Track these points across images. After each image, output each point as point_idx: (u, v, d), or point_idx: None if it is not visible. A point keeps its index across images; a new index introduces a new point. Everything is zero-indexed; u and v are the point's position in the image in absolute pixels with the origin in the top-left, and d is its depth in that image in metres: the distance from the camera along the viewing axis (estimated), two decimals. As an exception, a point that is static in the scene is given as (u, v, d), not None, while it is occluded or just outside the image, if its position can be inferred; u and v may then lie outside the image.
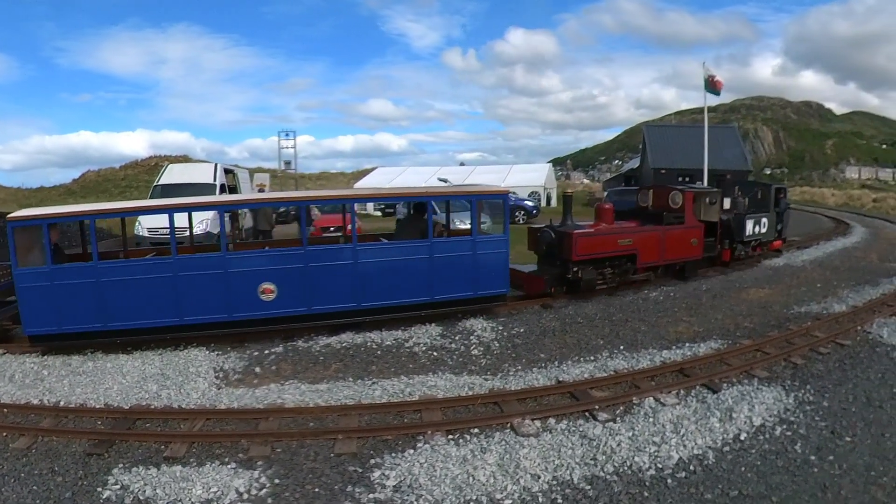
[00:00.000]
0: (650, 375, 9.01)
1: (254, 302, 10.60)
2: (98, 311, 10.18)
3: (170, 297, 10.34)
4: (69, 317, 10.11)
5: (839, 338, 10.82)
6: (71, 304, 10.07)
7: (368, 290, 11.08)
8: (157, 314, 10.35)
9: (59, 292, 10.04)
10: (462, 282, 11.65)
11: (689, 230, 15.01)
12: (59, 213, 11.44)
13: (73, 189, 65.72)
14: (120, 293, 10.20)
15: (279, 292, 10.65)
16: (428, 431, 7.14)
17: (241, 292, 10.55)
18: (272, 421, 7.55)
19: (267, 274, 10.67)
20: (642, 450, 6.74)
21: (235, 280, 10.53)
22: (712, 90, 26.43)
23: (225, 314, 10.57)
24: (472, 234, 12.00)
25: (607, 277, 13.81)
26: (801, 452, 6.87)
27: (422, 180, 46.20)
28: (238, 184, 24.31)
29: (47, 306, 10.01)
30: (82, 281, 10.16)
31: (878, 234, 28.81)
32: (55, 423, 7.76)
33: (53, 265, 10.12)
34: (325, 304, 10.94)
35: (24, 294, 9.99)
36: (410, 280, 11.31)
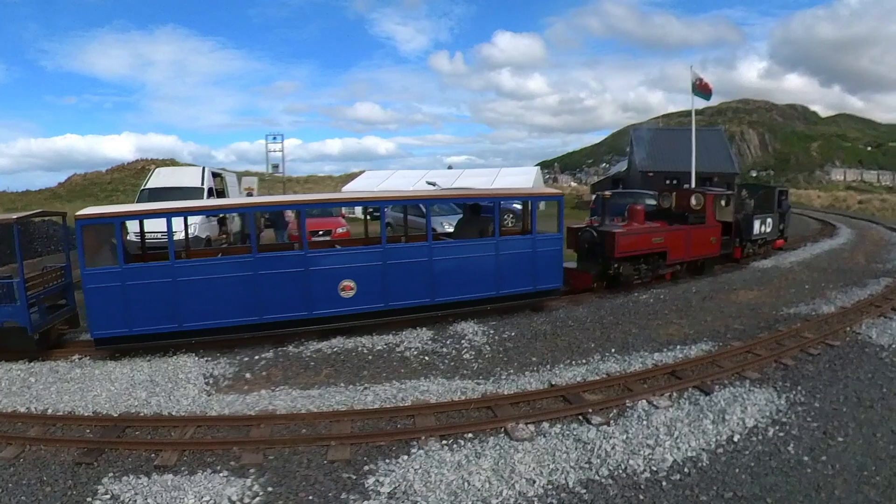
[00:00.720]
0: (642, 378, 9.01)
1: (334, 299, 10.93)
2: (173, 312, 10.18)
3: (250, 295, 10.50)
4: (142, 318, 10.05)
5: (829, 339, 10.89)
6: (144, 305, 10.02)
7: (441, 286, 11.64)
8: (236, 313, 10.48)
9: (132, 293, 9.98)
10: (524, 277, 12.43)
11: (709, 229, 16.41)
12: (131, 211, 11.66)
13: (59, 193, 65.28)
14: (198, 292, 10.23)
15: (358, 289, 11.03)
16: (422, 437, 7.09)
17: (322, 290, 10.86)
18: (264, 428, 7.47)
19: (347, 271, 11.02)
20: (636, 453, 6.74)
21: (316, 278, 10.81)
22: (701, 94, 26.54)
23: (305, 311, 10.83)
24: (532, 232, 12.68)
25: (642, 273, 15.00)
26: (795, 453, 6.89)
27: (409, 184, 46.19)
28: (226, 187, 24.18)
29: (118, 308, 9.91)
30: (158, 281, 10.14)
31: (864, 235, 29.03)
32: (43, 431, 7.63)
33: (126, 265, 10.08)
34: (402, 300, 11.42)
35: (92, 295, 9.84)
36: (479, 276, 11.99)
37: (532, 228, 12.71)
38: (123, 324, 9.97)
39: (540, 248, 12.56)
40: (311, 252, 11.02)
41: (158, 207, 11.76)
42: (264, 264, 10.66)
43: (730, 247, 17.74)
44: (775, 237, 20.34)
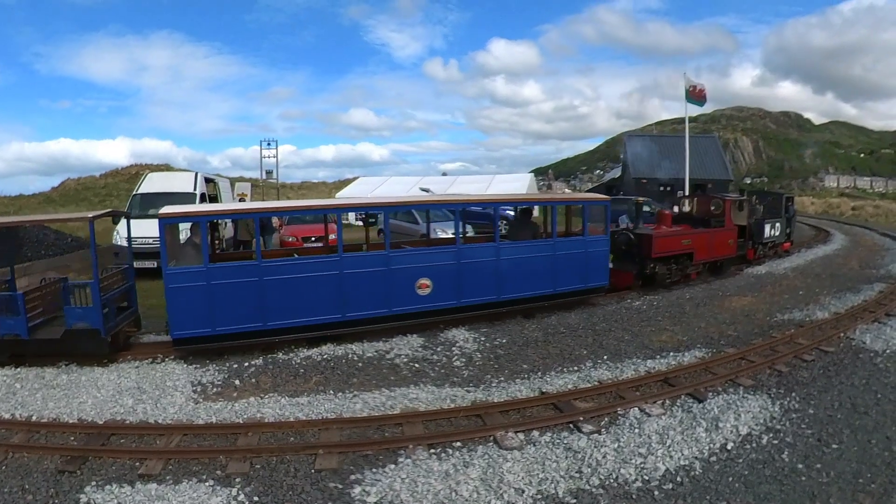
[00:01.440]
0: (635, 385, 8.92)
1: (411, 296, 11.44)
2: (258, 311, 10.34)
3: (334, 294, 10.84)
4: (226, 317, 10.15)
5: (823, 345, 10.84)
6: (229, 304, 10.13)
7: (506, 283, 12.33)
8: (320, 311, 10.76)
9: (217, 292, 10.06)
10: (576, 275, 13.32)
11: (728, 232, 17.71)
12: (214, 210, 12.18)
13: (52, 197, 65.09)
14: (283, 291, 10.51)
15: (434, 287, 11.58)
16: (409, 445, 6.99)
17: (401, 288, 11.35)
18: (251, 436, 7.36)
19: (424, 270, 11.57)
20: (628, 462, 6.65)
21: (397, 276, 11.31)
22: (694, 101, 26.59)
23: (385, 309, 11.24)
24: (584, 234, 13.55)
25: (672, 272, 16.07)
26: (789, 461, 6.81)
27: (404, 190, 46.05)
28: (219, 193, 24.10)
29: (201, 307, 9.98)
30: (244, 280, 10.31)
31: (858, 241, 29.10)
32: (27, 438, 7.49)
33: (211, 264, 10.20)
34: (472, 296, 12.05)
35: (174, 295, 9.88)
36: (539, 274, 12.76)
37: (584, 230, 13.58)
38: (206, 324, 10.06)
39: (590, 248, 13.50)
40: (392, 252, 11.54)
41: (244, 207, 12.76)
42: (349, 264, 11.02)
43: (744, 248, 18.97)
44: (783, 240, 21.80)
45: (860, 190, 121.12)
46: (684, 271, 16.57)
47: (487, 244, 12.61)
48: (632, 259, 15.48)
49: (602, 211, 14.11)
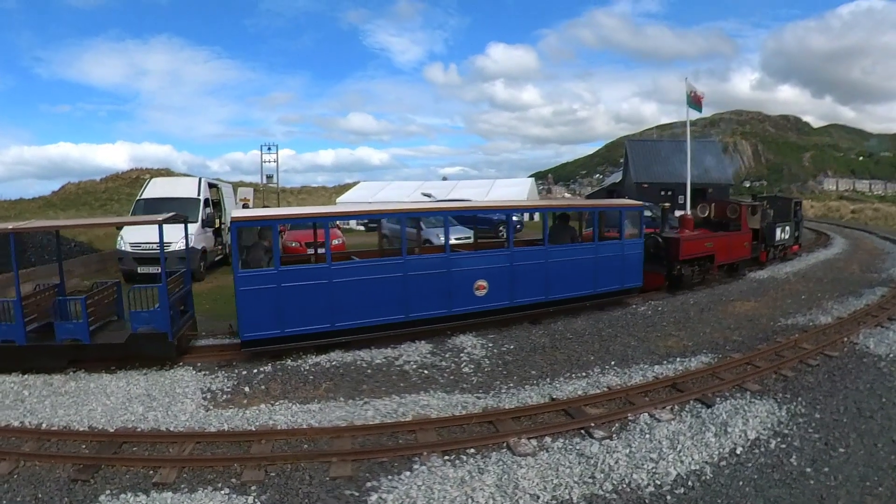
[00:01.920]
0: (643, 391, 8.98)
1: (469, 297, 12.00)
2: (327, 312, 10.67)
3: (398, 295, 11.26)
4: (295, 319, 10.43)
5: (827, 349, 10.91)
6: (299, 306, 10.42)
7: (553, 284, 12.99)
8: (385, 312, 11.17)
9: (287, 295, 10.33)
10: (615, 276, 14.10)
11: (743, 235, 18.76)
12: (286, 214, 12.97)
13: (52, 201, 64.93)
14: (351, 293, 10.83)
15: (489, 288, 12.15)
16: (424, 453, 7.01)
17: (460, 289, 11.89)
18: (265, 444, 7.37)
19: (481, 272, 12.12)
20: (640, 467, 6.69)
21: (456, 278, 11.84)
22: (695, 106, 26.67)
23: (445, 309, 11.75)
24: (621, 237, 14.31)
25: (695, 273, 16.93)
26: (797, 465, 6.86)
27: (405, 195, 46.14)
28: (222, 198, 24.09)
29: (271, 309, 10.24)
30: (314, 282, 10.61)
31: (858, 245, 29.16)
32: (38, 446, 7.49)
33: (282, 267, 10.47)
34: (523, 297, 12.66)
35: (245, 298, 10.12)
36: (583, 276, 13.52)
37: (621, 234, 14.33)
38: (276, 325, 10.32)
39: (627, 251, 14.30)
40: (453, 254, 12.05)
41: (316, 211, 13.57)
42: (413, 266, 11.48)
43: (757, 251, 19.90)
44: (792, 243, 22.71)
45: (859, 193, 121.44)
46: (706, 272, 17.39)
47: (537, 247, 13.29)
48: (660, 261, 16.24)
49: (637, 216, 14.93)
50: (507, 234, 13.05)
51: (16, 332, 9.90)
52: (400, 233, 24.52)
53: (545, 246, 13.08)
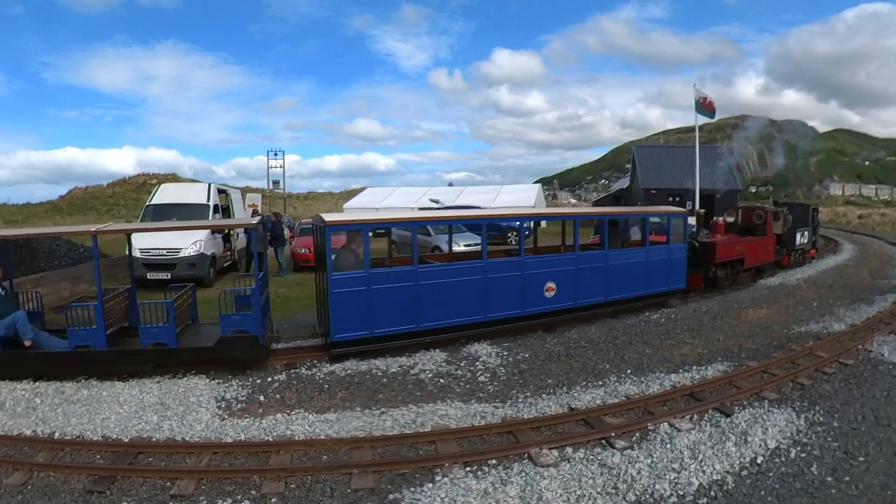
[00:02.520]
0: (662, 400, 8.92)
1: (540, 298, 12.67)
2: (413, 313, 11.14)
3: (478, 296, 11.82)
4: (384, 320, 10.88)
5: (842, 357, 10.85)
6: (387, 306, 10.89)
7: (612, 286, 13.85)
8: (467, 312, 11.74)
9: (376, 296, 10.78)
10: (662, 278, 15.11)
11: (768, 240, 20.02)
12: (377, 219, 13.57)
13: (59, 206, 65.34)
14: (435, 294, 11.32)
15: (557, 289, 12.86)
16: (445, 464, 6.95)
17: (532, 290, 12.55)
18: (283, 454, 7.30)
19: (550, 275, 12.80)
20: (662, 477, 6.63)
21: (529, 280, 12.50)
22: (704, 112, 26.62)
23: (519, 309, 12.38)
24: (668, 242, 15.33)
25: (727, 276, 18.02)
26: (818, 474, 6.80)
27: (412, 201, 46.26)
28: (231, 204, 24.13)
29: (361, 311, 10.65)
30: (402, 284, 11.07)
31: (867, 250, 29.12)
32: (51, 456, 7.40)
33: (372, 269, 10.90)
34: (586, 298, 13.44)
35: (337, 299, 10.50)
36: (636, 277, 14.41)
37: (668, 239, 15.36)
38: (365, 326, 10.74)
39: (673, 255, 15.31)
40: (527, 258, 12.73)
41: (400, 217, 14.44)
42: (493, 268, 12.05)
43: (780, 254, 21.18)
44: (809, 247, 23.97)
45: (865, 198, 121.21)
46: (737, 275, 18.53)
47: (599, 252, 13.98)
48: (696, 264, 16.96)
49: (682, 223, 15.87)
50: (574, 240, 13.90)
51: (97, 336, 9.96)
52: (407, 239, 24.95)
53: (605, 250, 13.83)
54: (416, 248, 11.57)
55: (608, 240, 14.13)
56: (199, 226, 16.15)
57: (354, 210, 46.93)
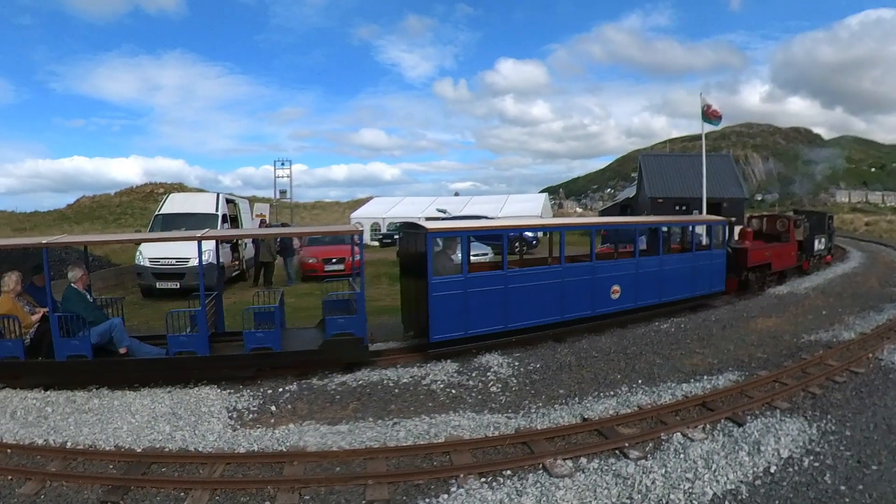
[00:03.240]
0: (674, 410, 8.91)
1: (607, 300, 13.61)
2: (502, 314, 11.83)
3: (557, 298, 12.65)
4: (477, 321, 11.54)
5: (853, 366, 10.84)
6: (480, 308, 11.53)
7: (665, 288, 14.93)
8: (547, 313, 12.53)
9: (472, 299, 11.43)
10: (707, 282, 16.30)
11: (791, 246, 21.33)
12: (473, 227, 14.33)
13: (67, 214, 65.75)
14: (521, 297, 12.06)
15: (622, 292, 13.82)
16: (460, 474, 6.93)
17: (601, 293, 13.47)
18: (297, 465, 7.29)
19: (616, 278, 13.76)
20: (677, 487, 6.62)
21: (599, 283, 13.40)
22: (709, 120, 26.60)
23: (589, 310, 13.30)
24: (710, 248, 16.53)
25: (757, 279, 19.18)
26: (832, 483, 6.79)
27: (418, 210, 46.31)
28: (239, 214, 24.23)
29: (458, 312, 11.30)
30: (494, 287, 11.79)
31: (875, 258, 29.07)
32: (64, 466, 7.41)
33: (469, 274, 11.51)
34: (644, 300, 14.47)
35: (437, 302, 11.06)
36: (684, 281, 15.55)
37: (710, 245, 16.56)
38: (461, 327, 11.38)
39: (715, 260, 16.52)
40: (597, 263, 13.51)
41: (495, 224, 15.20)
42: (569, 273, 12.92)
43: (801, 259, 22.39)
44: (826, 253, 25.32)
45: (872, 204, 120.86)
46: (765, 278, 19.68)
47: (654, 257, 14.94)
48: (730, 268, 17.72)
49: (722, 230, 17.03)
50: (634, 246, 15.13)
51: (199, 342, 10.22)
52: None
53: (660, 255, 14.93)
54: (505, 253, 12.30)
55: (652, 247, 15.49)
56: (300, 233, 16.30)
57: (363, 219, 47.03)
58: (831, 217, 26.84)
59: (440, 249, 11.78)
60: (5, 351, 9.88)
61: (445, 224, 13.55)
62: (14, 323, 10.01)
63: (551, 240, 13.02)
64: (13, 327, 9.99)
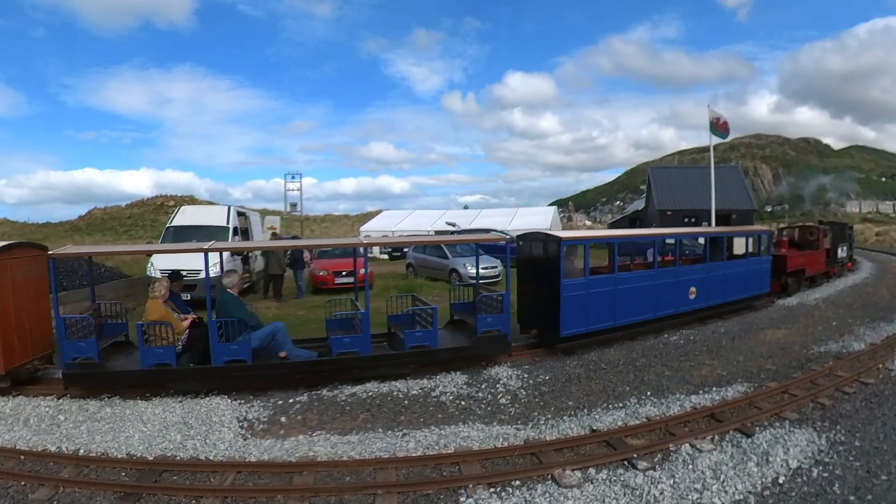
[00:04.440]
0: (683, 421, 8.92)
1: (686, 300, 15.33)
2: (612, 312, 13.36)
3: (652, 298, 14.30)
4: (594, 318, 12.99)
5: (862, 376, 10.82)
6: (597, 307, 13.00)
7: (727, 289, 16.77)
8: (644, 311, 14.16)
9: (591, 299, 12.87)
10: (756, 284, 18.22)
11: (820, 253, 23.45)
12: (592, 235, 16.69)
13: (79, 226, 66.22)
14: (626, 297, 13.63)
15: (697, 293, 15.58)
16: (469, 485, 6.97)
17: (682, 293, 15.21)
18: (306, 475, 7.35)
19: (693, 281, 15.48)
20: (685, 497, 6.65)
21: (680, 285, 15.10)
22: (718, 133, 26.67)
23: (673, 309, 14.94)
24: (759, 254, 18.36)
25: (794, 283, 21.24)
26: (841, 493, 6.80)
27: (427, 224, 46.44)
28: (250, 227, 24.36)
29: (580, 311, 12.67)
30: (608, 289, 13.28)
31: (886, 268, 29.02)
32: (77, 473, 7.50)
33: (591, 276, 13.03)
34: (713, 300, 16.26)
35: (567, 302, 12.40)
36: (740, 283, 17.41)
37: (759, 252, 18.37)
38: (583, 323, 12.78)
39: (763, 265, 18.50)
40: (680, 267, 15.26)
41: (619, 233, 16.46)
42: (660, 276, 14.56)
43: (828, 266, 24.42)
44: (847, 260, 27.60)
45: (882, 214, 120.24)
46: (800, 282, 21.77)
47: (720, 262, 16.66)
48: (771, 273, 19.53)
49: (768, 239, 19.29)
50: (704, 252, 16.94)
51: (362, 343, 10.84)
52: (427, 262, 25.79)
53: (723, 261, 16.73)
54: (616, 258, 13.59)
55: (724, 253, 17.13)
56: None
57: (372, 232, 47.15)
58: (851, 227, 29.14)
59: (566, 255, 12.74)
60: (155, 358, 10.08)
61: (575, 234, 15.84)
62: (167, 330, 10.23)
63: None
64: (165, 333, 10.20)
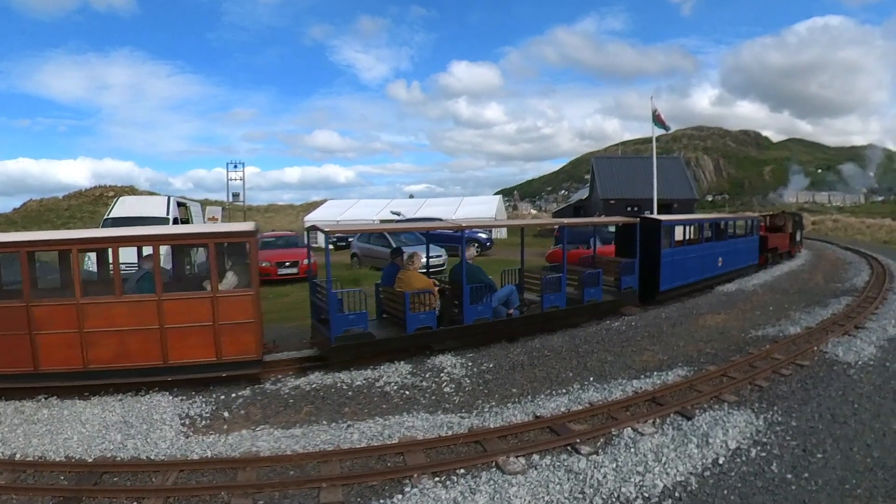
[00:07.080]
0: (625, 406, 9.04)
1: (716, 267, 20.13)
2: (683, 274, 17.98)
3: (700, 265, 19.05)
4: (674, 278, 17.52)
5: (798, 359, 11.13)
6: (676, 270, 17.61)
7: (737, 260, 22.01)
8: (698, 274, 18.95)
9: (675, 264, 17.51)
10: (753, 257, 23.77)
11: (787, 235, 28.80)
12: (680, 218, 21.76)
13: (13, 219, 64.19)
14: (690, 264, 18.38)
15: (722, 262, 20.55)
16: (414, 475, 6.95)
17: (713, 262, 20.00)
18: (250, 471, 7.22)
19: (720, 253, 20.39)
20: (628, 480, 6.74)
21: (715, 256, 20.11)
22: (660, 125, 27.20)
23: (710, 273, 19.74)
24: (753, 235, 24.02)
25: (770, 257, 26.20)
26: (778, 472, 7.00)
27: (373, 213, 46.22)
28: (191, 217, 23.85)
29: (670, 272, 17.20)
30: (682, 257, 17.97)
31: (821, 255, 29.98)
32: (13, 478, 7.21)
33: (672, 247, 17.83)
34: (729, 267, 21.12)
35: (665, 266, 17.01)
36: (743, 255, 22.72)
37: (752, 233, 24.06)
38: (670, 281, 17.32)
39: (755, 243, 24.00)
40: (714, 243, 20.15)
41: (684, 217, 23.33)
42: (706, 249, 19.61)
43: (790, 246, 29.23)
44: (799, 242, 31.73)
45: (818, 204, 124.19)
46: (776, 257, 26.89)
47: (732, 239, 21.98)
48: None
49: (756, 223, 25.15)
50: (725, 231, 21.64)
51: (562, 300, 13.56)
52: (371, 251, 25.89)
53: (735, 238, 22.31)
54: (673, 237, 18.37)
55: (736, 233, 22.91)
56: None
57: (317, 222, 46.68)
58: (801, 216, 34.29)
59: (667, 234, 17.52)
60: (419, 323, 11.42)
61: (669, 217, 20.32)
62: (430, 297, 11.71)
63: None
64: (428, 300, 11.64)
